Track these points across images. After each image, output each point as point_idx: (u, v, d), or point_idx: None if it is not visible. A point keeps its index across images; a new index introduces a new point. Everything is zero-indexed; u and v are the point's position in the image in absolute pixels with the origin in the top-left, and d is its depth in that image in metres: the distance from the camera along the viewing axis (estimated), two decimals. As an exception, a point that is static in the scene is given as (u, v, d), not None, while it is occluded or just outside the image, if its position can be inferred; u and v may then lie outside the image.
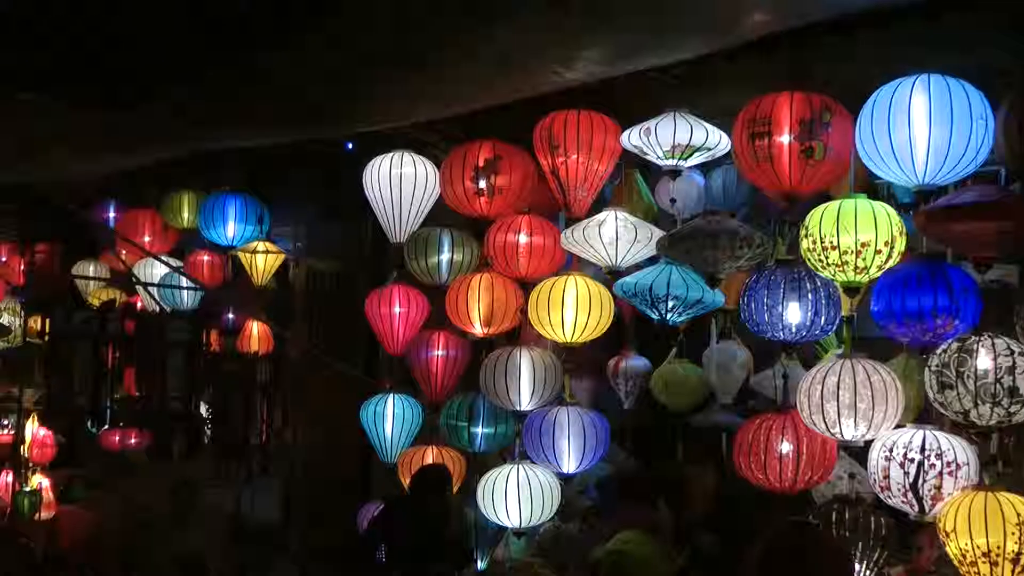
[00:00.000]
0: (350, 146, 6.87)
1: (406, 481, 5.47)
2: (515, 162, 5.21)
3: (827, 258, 4.09)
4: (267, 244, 7.09)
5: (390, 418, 5.66)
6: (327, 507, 6.79)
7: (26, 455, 7.76)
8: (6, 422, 8.48)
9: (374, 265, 6.83)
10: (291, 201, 7.36)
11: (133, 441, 8.52)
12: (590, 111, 4.89)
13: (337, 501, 6.76)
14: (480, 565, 5.52)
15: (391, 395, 5.70)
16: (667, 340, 5.45)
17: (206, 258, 7.42)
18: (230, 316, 7.63)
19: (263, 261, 7.01)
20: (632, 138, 4.74)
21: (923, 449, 3.87)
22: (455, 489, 5.53)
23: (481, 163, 5.17)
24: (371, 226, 6.68)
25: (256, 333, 7.27)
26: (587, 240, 4.78)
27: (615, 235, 4.73)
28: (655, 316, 4.77)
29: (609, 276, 4.92)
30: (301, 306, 7.50)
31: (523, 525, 5.11)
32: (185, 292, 7.29)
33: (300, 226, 7.81)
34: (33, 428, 8.00)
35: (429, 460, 5.50)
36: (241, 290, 7.08)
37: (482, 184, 5.18)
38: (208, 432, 6.98)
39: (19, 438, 7.69)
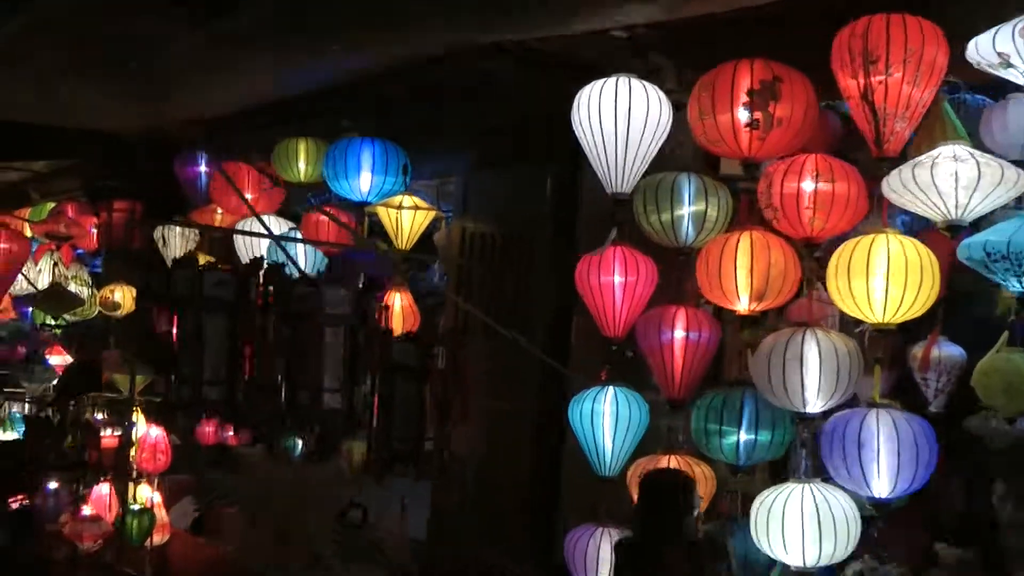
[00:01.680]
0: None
1: (635, 498, 4.27)
2: (796, 87, 3.97)
3: None
4: (415, 199, 5.85)
5: (608, 418, 4.41)
6: (499, 526, 5.57)
7: (134, 463, 6.44)
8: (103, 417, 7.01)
9: (554, 226, 5.53)
10: (435, 146, 6.10)
11: (230, 435, 7.31)
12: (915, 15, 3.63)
13: (512, 520, 5.53)
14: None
15: (609, 389, 4.44)
16: (995, 325, 4.15)
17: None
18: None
19: (410, 219, 5.76)
20: (998, 43, 3.42)
21: None
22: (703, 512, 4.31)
23: (756, 85, 3.93)
24: (550, 176, 5.43)
25: (399, 309, 5.96)
26: (934, 184, 3.50)
27: (976, 176, 3.45)
28: (1019, 288, 3.53)
29: (946, 233, 3.67)
30: (454, 275, 6.23)
31: (810, 564, 3.89)
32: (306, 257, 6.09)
33: (449, 178, 6.55)
34: (144, 429, 6.59)
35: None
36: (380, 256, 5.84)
37: (756, 114, 3.93)
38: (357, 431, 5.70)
39: (126, 440, 6.32)
